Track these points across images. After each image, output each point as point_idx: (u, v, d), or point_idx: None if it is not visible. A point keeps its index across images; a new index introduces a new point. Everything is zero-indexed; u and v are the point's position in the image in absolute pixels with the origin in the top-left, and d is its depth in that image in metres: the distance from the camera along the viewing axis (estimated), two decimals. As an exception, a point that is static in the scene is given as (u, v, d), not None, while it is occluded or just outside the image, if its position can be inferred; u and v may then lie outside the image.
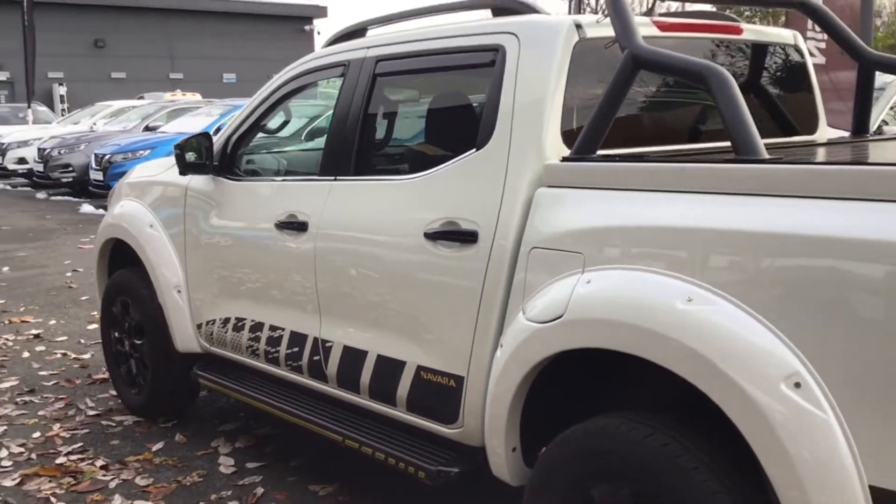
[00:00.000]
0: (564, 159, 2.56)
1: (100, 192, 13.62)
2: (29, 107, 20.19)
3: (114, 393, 4.82)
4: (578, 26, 2.69)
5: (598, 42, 2.71)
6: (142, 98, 28.70)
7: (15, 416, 4.62)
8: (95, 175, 14.06)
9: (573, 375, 2.52)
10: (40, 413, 4.65)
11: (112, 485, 3.75)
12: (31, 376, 5.29)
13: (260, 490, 3.65)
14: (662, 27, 2.90)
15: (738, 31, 3.17)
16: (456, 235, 2.75)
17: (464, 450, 2.84)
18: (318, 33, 48.58)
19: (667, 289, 2.15)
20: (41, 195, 16.22)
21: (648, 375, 2.23)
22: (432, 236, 2.82)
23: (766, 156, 2.18)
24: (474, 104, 2.91)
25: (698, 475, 2.07)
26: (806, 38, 5.88)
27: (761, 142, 2.20)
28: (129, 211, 4.47)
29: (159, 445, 4.18)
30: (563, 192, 2.52)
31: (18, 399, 4.88)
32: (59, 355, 5.72)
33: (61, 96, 39.03)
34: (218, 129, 10.80)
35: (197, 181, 4.05)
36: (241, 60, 44.43)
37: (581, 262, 2.38)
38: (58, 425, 4.46)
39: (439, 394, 2.85)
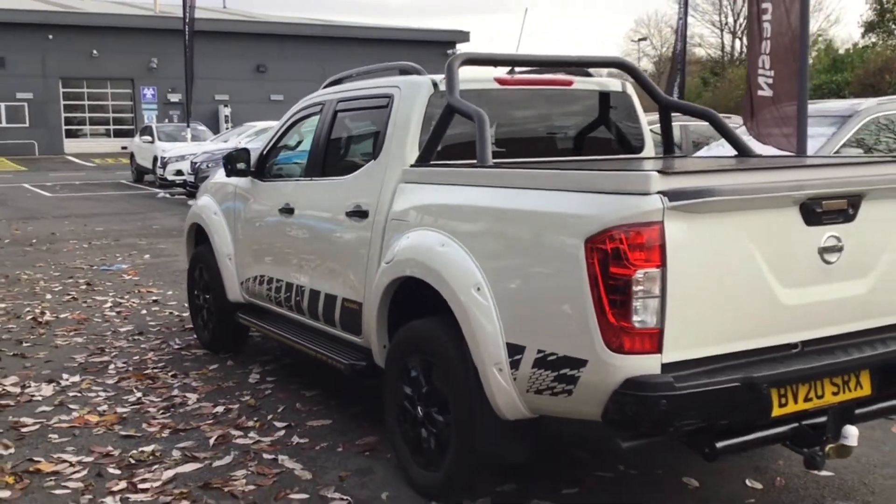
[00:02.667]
0: (410, 166, 4.16)
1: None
2: (188, 126, 23.11)
3: (195, 336, 6.69)
4: (435, 84, 4.28)
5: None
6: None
7: (125, 347, 6.56)
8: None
9: (412, 295, 4.09)
10: (142, 346, 6.58)
11: (175, 384, 5.58)
12: (143, 325, 7.27)
13: (269, 391, 5.40)
14: (501, 82, 4.45)
15: (570, 83, 4.66)
16: (358, 213, 4.39)
17: (367, 351, 4.46)
18: (462, 56, 50.71)
19: (433, 240, 3.72)
20: (191, 202, 18.79)
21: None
22: (348, 214, 4.46)
23: (491, 164, 3.71)
24: (378, 130, 4.54)
25: (447, 344, 3.62)
26: (758, 76, 7.19)
27: (490, 155, 3.73)
28: (203, 203, 6.35)
29: (214, 366, 6.01)
30: (408, 185, 4.12)
31: (130, 338, 6.84)
32: (167, 313, 7.71)
33: (226, 116, 42.76)
34: None
35: (242, 182, 5.84)
36: (387, 83, 47.04)
37: (407, 226, 3.98)
38: (151, 353, 6.37)
39: (353, 315, 4.48)
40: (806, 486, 3.94)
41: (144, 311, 7.79)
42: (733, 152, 4.63)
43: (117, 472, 4.15)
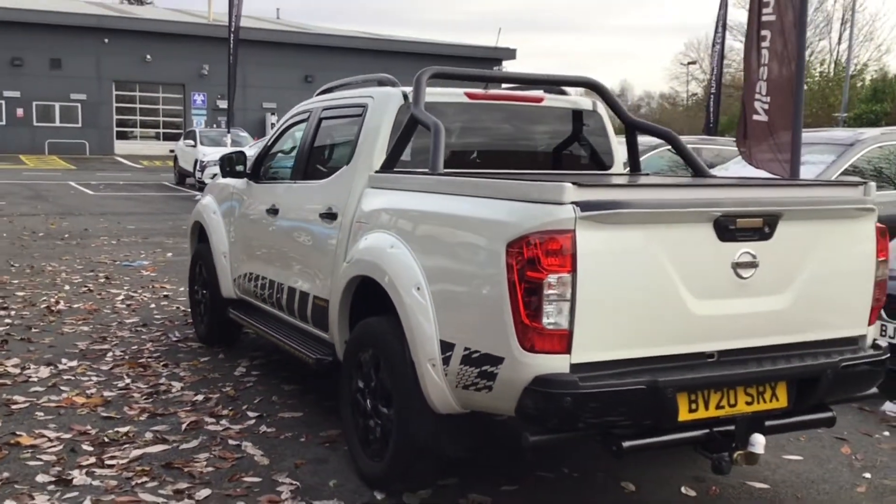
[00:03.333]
0: (375, 172, 4.39)
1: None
2: (228, 132, 23.65)
3: (194, 329, 6.98)
4: (405, 96, 4.51)
5: (415, 105, 4.52)
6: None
7: (127, 337, 6.87)
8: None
9: (371, 294, 4.30)
10: (143, 337, 6.88)
11: (164, 373, 5.86)
12: (148, 317, 7.59)
13: (250, 383, 5.66)
14: (470, 96, 4.67)
15: (539, 99, 4.86)
16: (329, 215, 4.63)
17: (333, 346, 4.68)
18: (508, 74, 51.01)
19: (386, 241, 3.94)
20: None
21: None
22: (321, 215, 4.70)
23: (441, 172, 3.92)
24: (352, 138, 4.77)
25: (392, 340, 3.83)
26: (754, 100, 7.32)
27: (441, 163, 3.94)
28: (205, 202, 6.64)
29: (206, 358, 6.28)
30: (372, 190, 4.34)
31: (134, 329, 7.15)
32: (174, 308, 8.03)
33: (272, 124, 43.50)
34: None
35: (239, 183, 6.12)
36: (433, 97, 47.52)
37: (368, 228, 4.20)
38: (150, 344, 6.67)
39: (322, 312, 4.71)
40: (738, 497, 4.07)
41: (153, 305, 8.12)
42: (751, 171, 4.74)
43: (90, 448, 4.42)
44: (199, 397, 5.33)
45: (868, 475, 4.35)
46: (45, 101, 41.24)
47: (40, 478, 4.03)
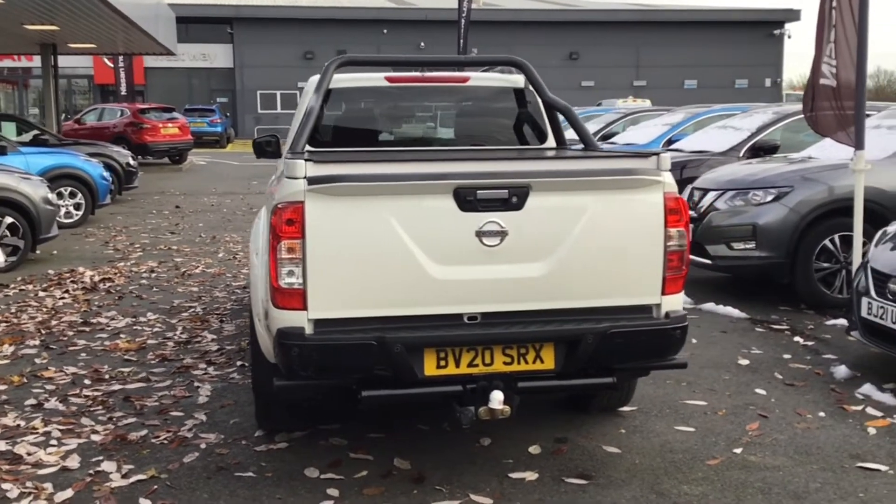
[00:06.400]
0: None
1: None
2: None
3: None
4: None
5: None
6: (599, 105, 32.22)
7: (220, 297, 7.96)
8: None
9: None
10: (232, 297, 7.95)
11: (213, 328, 6.84)
12: (253, 282, 8.69)
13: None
14: (390, 80, 5.08)
15: (465, 80, 5.14)
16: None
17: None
18: (789, 37, 48.02)
19: (263, 212, 4.53)
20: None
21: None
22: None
23: (299, 150, 4.42)
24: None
25: (259, 300, 4.43)
26: (822, 63, 7.01)
27: (304, 143, 4.43)
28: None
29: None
30: (284, 169, 4.95)
31: (232, 292, 8.25)
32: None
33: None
34: (670, 141, 11.46)
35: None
36: (703, 67, 45.97)
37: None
38: (230, 303, 7.71)
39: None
40: (581, 458, 4.20)
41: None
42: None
43: (88, 383, 5.45)
44: (215, 347, 6.23)
45: (739, 450, 4.27)
46: (332, 90, 45.18)
47: (28, 401, 5.10)
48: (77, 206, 13.10)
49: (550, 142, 5.23)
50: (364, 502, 3.78)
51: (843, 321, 6.27)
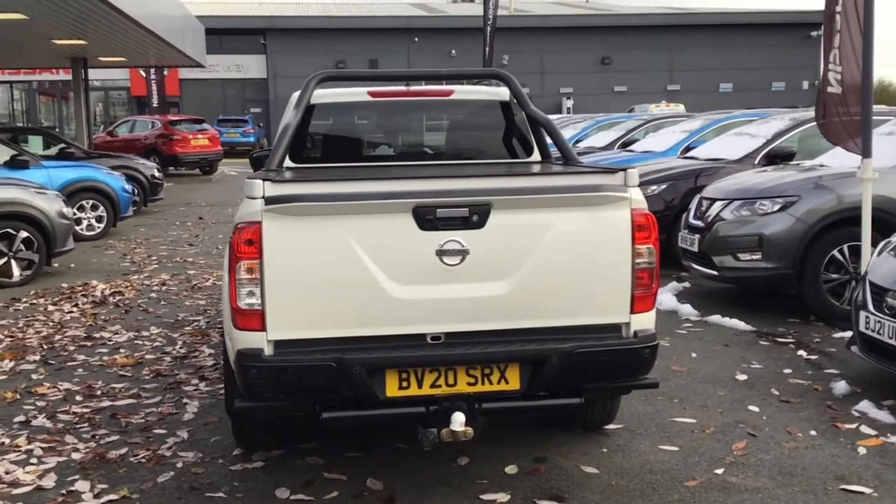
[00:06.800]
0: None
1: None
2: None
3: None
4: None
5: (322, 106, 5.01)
6: (631, 111, 31.92)
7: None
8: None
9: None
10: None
11: (213, 342, 6.85)
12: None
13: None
14: (372, 94, 5.05)
15: (449, 93, 5.09)
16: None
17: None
18: (826, 39, 47.21)
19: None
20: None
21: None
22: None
23: (273, 168, 4.39)
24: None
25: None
26: (827, 70, 6.87)
27: (278, 159, 4.39)
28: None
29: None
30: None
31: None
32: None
33: (567, 109, 44.20)
34: (688, 148, 11.20)
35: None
36: (739, 70, 45.45)
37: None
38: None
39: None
40: (557, 479, 4.11)
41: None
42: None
43: (79, 399, 5.48)
44: (210, 362, 6.24)
45: (720, 471, 4.16)
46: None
47: (17, 418, 5.13)
48: (98, 219, 13.25)
49: (536, 155, 5.17)
50: (330, 524, 3.74)
51: (850, 333, 6.11)
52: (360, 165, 4.90)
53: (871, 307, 5.05)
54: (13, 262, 9.35)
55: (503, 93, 5.16)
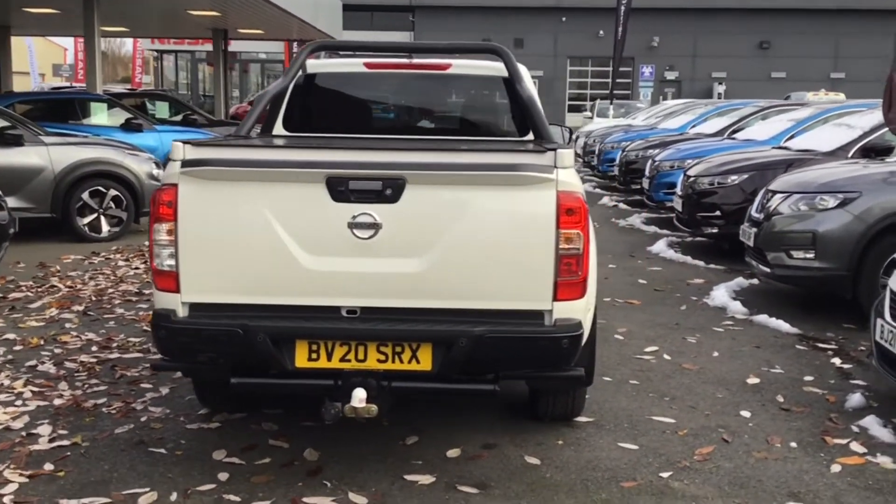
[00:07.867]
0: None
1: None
2: (611, 102, 24.12)
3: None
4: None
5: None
6: (787, 98, 30.43)
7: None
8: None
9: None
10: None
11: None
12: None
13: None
14: (368, 66, 4.99)
15: (446, 67, 4.96)
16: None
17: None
18: None
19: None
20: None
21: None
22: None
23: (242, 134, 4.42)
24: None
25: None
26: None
27: (249, 127, 4.42)
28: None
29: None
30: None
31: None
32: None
33: (719, 94, 42.53)
34: (792, 138, 10.09)
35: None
36: (910, 60, 42.29)
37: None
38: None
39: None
40: (499, 467, 3.98)
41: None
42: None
43: (95, 349, 5.74)
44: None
45: (667, 474, 3.92)
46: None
47: (29, 362, 5.42)
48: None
49: (531, 135, 4.99)
50: (246, 488, 3.76)
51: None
52: (344, 136, 4.87)
53: (887, 315, 4.61)
54: (102, 219, 9.89)
55: (502, 68, 5.00)
